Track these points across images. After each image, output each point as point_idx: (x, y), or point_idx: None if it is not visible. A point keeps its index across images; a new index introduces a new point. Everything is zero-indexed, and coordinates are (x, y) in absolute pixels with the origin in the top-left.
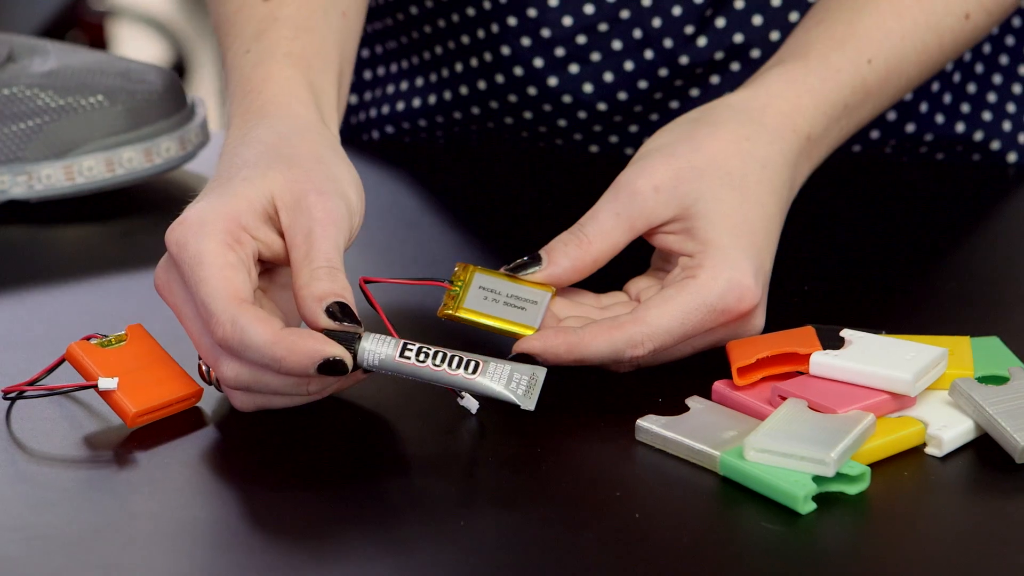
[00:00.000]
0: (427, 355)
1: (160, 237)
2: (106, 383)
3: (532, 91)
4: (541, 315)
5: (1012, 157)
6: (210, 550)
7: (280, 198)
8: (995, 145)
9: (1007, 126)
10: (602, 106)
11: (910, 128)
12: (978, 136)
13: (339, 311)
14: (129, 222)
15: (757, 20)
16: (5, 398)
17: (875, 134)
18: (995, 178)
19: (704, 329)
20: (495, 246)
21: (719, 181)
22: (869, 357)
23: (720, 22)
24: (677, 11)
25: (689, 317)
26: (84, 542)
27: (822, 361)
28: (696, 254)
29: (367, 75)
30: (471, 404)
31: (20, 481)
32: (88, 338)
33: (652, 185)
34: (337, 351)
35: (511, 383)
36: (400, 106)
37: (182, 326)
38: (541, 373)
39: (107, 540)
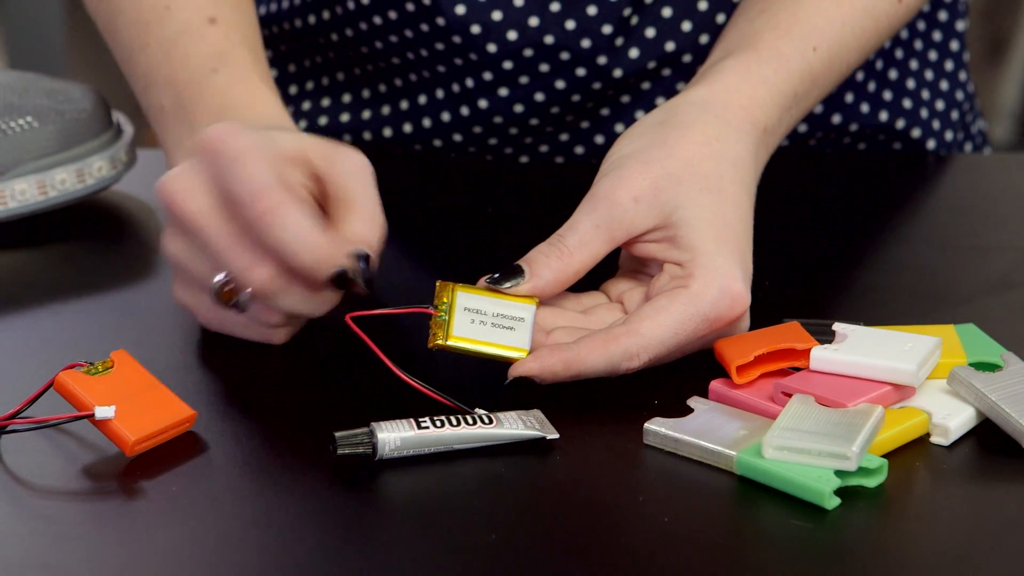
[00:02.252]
0: (443, 421)
1: (98, 258)
2: (103, 412)
3: (465, 111)
4: (530, 333)
5: (931, 144)
6: None
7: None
8: (915, 133)
9: (924, 113)
10: (534, 121)
11: (836, 119)
12: (900, 124)
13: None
14: (66, 245)
15: (686, 26)
16: None
17: (803, 127)
18: (916, 166)
19: (696, 337)
20: (446, 261)
21: (697, 186)
22: (868, 349)
23: (650, 32)
24: (608, 29)
25: (683, 327)
26: None
27: (823, 356)
28: (684, 263)
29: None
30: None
31: (30, 517)
32: (73, 366)
33: (631, 196)
34: (351, 264)
35: (526, 424)
36: (323, 120)
37: (202, 236)
38: (539, 413)
39: None
